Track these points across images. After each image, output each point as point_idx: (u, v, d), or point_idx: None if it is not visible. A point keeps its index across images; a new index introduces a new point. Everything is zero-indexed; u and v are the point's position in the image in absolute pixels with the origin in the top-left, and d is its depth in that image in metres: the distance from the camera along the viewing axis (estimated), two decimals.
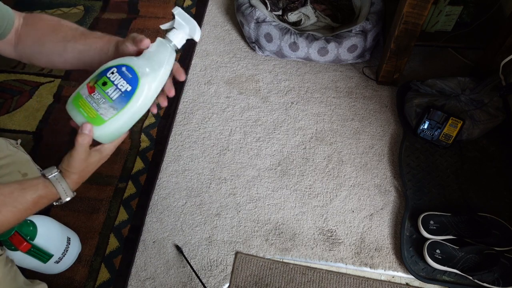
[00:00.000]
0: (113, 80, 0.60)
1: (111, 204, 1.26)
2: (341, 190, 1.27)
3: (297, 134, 1.38)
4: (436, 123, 1.27)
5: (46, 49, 0.72)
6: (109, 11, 1.73)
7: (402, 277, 1.13)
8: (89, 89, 0.61)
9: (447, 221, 1.15)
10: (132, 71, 0.61)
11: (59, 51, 0.71)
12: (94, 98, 0.60)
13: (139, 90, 0.61)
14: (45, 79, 1.54)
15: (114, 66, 0.61)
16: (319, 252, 1.17)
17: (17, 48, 0.73)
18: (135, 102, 0.61)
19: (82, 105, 0.61)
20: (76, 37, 0.71)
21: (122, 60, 0.62)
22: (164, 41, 0.63)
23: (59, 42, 0.71)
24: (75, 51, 0.71)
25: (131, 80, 0.60)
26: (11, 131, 1.41)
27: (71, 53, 0.71)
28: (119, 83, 0.60)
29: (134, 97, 0.61)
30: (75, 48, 0.70)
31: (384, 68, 1.39)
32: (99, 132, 0.62)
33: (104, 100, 0.60)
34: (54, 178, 0.65)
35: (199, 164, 1.33)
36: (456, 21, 1.37)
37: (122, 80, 0.60)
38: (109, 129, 0.62)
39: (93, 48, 0.70)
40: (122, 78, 0.60)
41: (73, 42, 0.70)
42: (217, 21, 1.68)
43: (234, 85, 1.50)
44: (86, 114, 0.61)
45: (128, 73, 0.61)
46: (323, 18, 1.56)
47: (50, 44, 0.71)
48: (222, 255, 1.17)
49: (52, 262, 1.06)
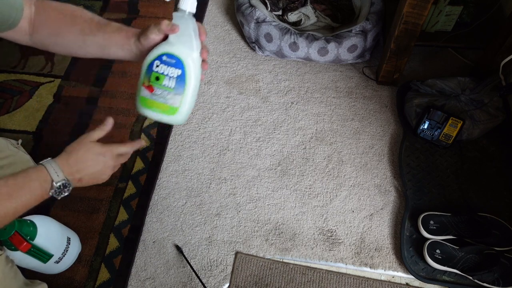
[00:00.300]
0: (162, 72, 0.65)
1: (111, 204, 1.26)
2: (341, 190, 1.27)
3: (297, 134, 1.38)
4: (436, 123, 1.27)
5: (65, 41, 0.72)
6: (109, 11, 1.73)
7: (402, 277, 1.13)
8: (149, 89, 0.66)
9: (447, 221, 1.15)
10: (172, 55, 0.65)
11: (79, 44, 0.72)
12: (157, 94, 0.66)
13: (188, 68, 0.65)
14: (45, 79, 1.54)
15: (155, 59, 0.65)
16: (319, 252, 1.17)
17: (32, 37, 0.73)
18: (190, 79, 0.66)
19: (151, 104, 0.67)
20: (93, 30, 0.71)
21: (158, 51, 0.66)
22: (179, 14, 0.66)
23: (77, 35, 0.71)
24: (95, 45, 0.71)
25: (176, 63, 0.65)
26: (11, 131, 1.41)
27: (91, 46, 0.72)
28: (169, 72, 0.65)
29: (187, 76, 0.66)
30: (94, 41, 0.71)
31: (384, 68, 1.39)
32: (178, 118, 0.68)
33: (166, 92, 0.66)
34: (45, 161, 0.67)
35: (199, 164, 1.33)
36: (456, 21, 1.37)
37: (169, 67, 0.65)
38: (184, 111, 0.68)
39: (113, 43, 0.71)
40: (168, 66, 0.65)
41: (92, 36, 0.71)
42: (217, 21, 1.68)
43: (234, 85, 1.50)
44: (160, 109, 0.67)
45: (170, 59, 0.65)
46: (323, 18, 1.56)
47: (68, 36, 0.72)
48: (222, 255, 1.17)
49: (52, 262, 1.06)
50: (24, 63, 1.59)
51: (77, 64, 1.58)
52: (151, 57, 0.66)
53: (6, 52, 1.62)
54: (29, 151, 1.31)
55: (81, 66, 1.57)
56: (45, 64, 1.58)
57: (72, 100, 1.47)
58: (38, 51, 1.62)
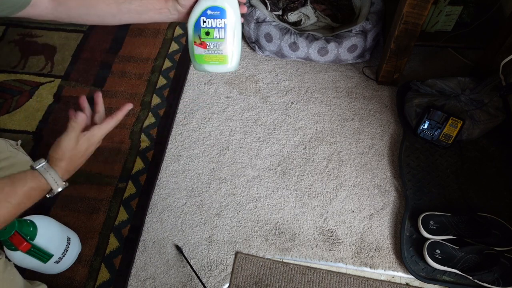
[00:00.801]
0: (211, 25, 0.69)
1: (111, 204, 1.26)
2: (341, 190, 1.27)
3: (297, 134, 1.38)
4: (436, 123, 1.27)
5: (97, 11, 0.71)
6: None
7: (402, 277, 1.13)
8: (203, 45, 0.70)
9: (447, 221, 1.15)
10: (215, 8, 0.68)
11: (113, 13, 0.71)
12: (212, 48, 0.70)
13: (230, 16, 0.69)
14: (45, 79, 1.54)
15: (201, 15, 0.69)
16: (319, 252, 1.17)
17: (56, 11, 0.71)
18: (235, 26, 0.70)
19: (209, 59, 0.71)
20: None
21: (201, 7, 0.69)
22: None
23: (110, 4, 0.70)
24: (131, 12, 0.71)
25: (221, 15, 0.69)
26: (11, 131, 1.41)
27: (127, 14, 0.72)
28: (217, 24, 0.69)
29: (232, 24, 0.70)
30: (130, 9, 0.71)
31: (384, 68, 1.39)
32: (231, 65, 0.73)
33: (219, 43, 0.70)
34: (42, 168, 0.65)
35: (199, 164, 1.33)
36: (456, 21, 1.37)
37: (215, 20, 0.69)
38: (235, 57, 0.73)
39: (150, 9, 0.71)
40: (214, 19, 0.69)
41: (127, 4, 0.70)
42: None
43: (234, 85, 1.50)
44: (217, 61, 0.72)
45: (215, 12, 0.68)
46: (323, 18, 1.56)
47: (100, 6, 0.70)
48: (222, 255, 1.17)
49: (52, 262, 1.06)
50: (24, 63, 1.59)
51: (77, 64, 1.58)
52: (196, 15, 0.69)
53: (6, 52, 1.62)
54: (29, 151, 1.31)
55: (81, 66, 1.57)
56: (45, 64, 1.58)
57: (72, 100, 1.47)
58: (38, 51, 1.62)
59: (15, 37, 1.67)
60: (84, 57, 1.59)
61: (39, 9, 0.70)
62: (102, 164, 1.32)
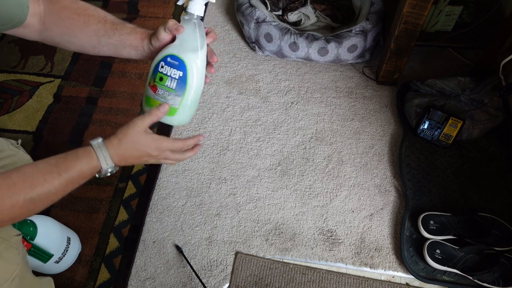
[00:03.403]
0: (166, 72, 0.68)
1: (111, 204, 1.26)
2: (341, 190, 1.27)
3: (297, 134, 1.38)
4: (436, 123, 1.27)
5: (78, 41, 0.73)
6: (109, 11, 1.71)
7: (402, 277, 1.13)
8: (153, 89, 0.70)
9: (447, 221, 1.15)
10: (176, 57, 0.68)
11: (93, 44, 0.73)
12: (159, 94, 0.69)
13: (190, 71, 0.68)
14: (45, 79, 1.54)
15: (161, 60, 0.68)
16: (319, 252, 1.17)
17: (43, 35, 0.74)
18: (192, 82, 0.69)
19: (153, 103, 0.70)
20: (108, 32, 0.72)
21: (164, 53, 0.68)
22: (187, 18, 0.68)
23: (91, 36, 0.72)
24: (109, 46, 0.73)
25: (179, 65, 0.68)
26: (11, 131, 1.41)
27: (105, 47, 0.73)
28: (172, 73, 0.68)
29: (189, 79, 0.69)
30: (109, 43, 0.73)
31: (384, 68, 1.39)
32: (177, 119, 0.72)
33: (168, 92, 0.69)
34: (96, 144, 0.67)
35: (199, 164, 1.33)
36: (456, 21, 1.37)
37: (172, 69, 0.68)
38: (183, 113, 0.71)
39: (127, 45, 0.72)
40: (172, 67, 0.68)
41: (106, 38, 0.72)
42: (217, 21, 1.68)
43: (234, 85, 1.50)
44: None
45: (174, 61, 0.68)
46: (323, 18, 1.56)
47: (81, 36, 0.73)
48: (222, 255, 1.17)
49: (52, 262, 1.06)
50: (24, 63, 1.59)
51: (77, 64, 1.58)
52: (158, 58, 0.69)
53: (6, 52, 1.62)
54: (29, 151, 1.31)
55: (81, 66, 1.57)
56: (45, 64, 1.58)
57: (72, 100, 1.47)
58: (38, 51, 1.62)
59: (15, 37, 1.66)
60: (84, 57, 1.59)
61: (28, 30, 0.72)
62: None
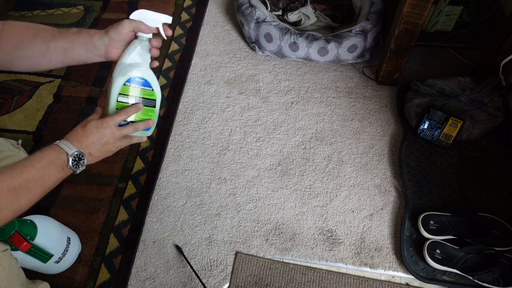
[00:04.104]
0: None
1: (111, 204, 1.26)
2: (341, 190, 1.27)
3: (297, 134, 1.38)
4: (436, 123, 1.27)
5: (29, 52, 0.74)
6: (109, 11, 1.73)
7: (402, 277, 1.13)
8: None
9: (447, 221, 1.15)
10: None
11: (43, 52, 0.74)
12: None
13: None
14: (45, 79, 1.54)
15: None
16: (319, 252, 1.17)
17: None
18: None
19: None
20: (55, 36, 0.73)
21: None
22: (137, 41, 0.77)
23: (40, 44, 0.73)
24: (59, 49, 0.74)
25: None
26: (11, 131, 1.41)
27: (55, 52, 0.74)
28: None
29: None
30: (58, 46, 0.73)
31: (384, 68, 1.39)
32: None
33: None
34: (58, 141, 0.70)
35: (199, 164, 1.33)
36: (456, 21, 1.37)
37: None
38: None
39: (76, 44, 0.74)
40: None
41: (54, 41, 0.73)
42: (217, 21, 1.68)
43: (234, 85, 1.50)
44: None
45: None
46: (323, 18, 1.56)
47: (32, 46, 0.73)
48: (222, 255, 1.17)
49: (52, 262, 1.06)
50: None
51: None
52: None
53: None
54: (29, 151, 1.31)
55: (81, 66, 1.57)
56: None
57: (72, 100, 1.47)
58: None
59: None
60: None
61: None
62: (102, 164, 1.31)
